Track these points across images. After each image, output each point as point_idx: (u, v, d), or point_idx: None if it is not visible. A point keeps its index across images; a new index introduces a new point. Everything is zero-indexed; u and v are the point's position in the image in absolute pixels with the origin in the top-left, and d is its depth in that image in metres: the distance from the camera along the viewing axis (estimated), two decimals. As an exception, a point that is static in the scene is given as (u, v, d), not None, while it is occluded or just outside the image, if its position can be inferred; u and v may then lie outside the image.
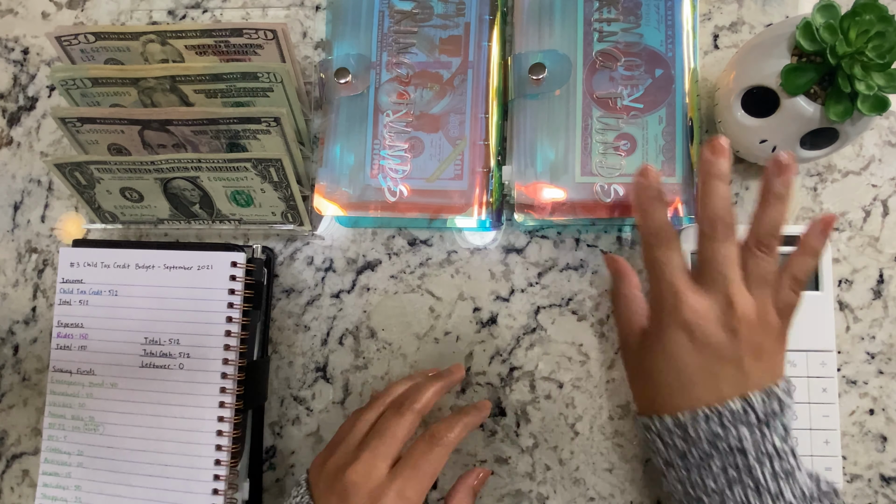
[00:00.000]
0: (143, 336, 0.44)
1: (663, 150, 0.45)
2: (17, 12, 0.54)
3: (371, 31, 0.47)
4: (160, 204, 0.47)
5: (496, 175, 0.46)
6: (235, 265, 0.44)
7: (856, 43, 0.36)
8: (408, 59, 0.47)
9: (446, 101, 0.46)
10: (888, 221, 0.47)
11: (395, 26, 0.47)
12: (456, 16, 0.47)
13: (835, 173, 0.47)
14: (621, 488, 0.45)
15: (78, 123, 0.45)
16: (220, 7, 0.52)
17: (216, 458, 0.43)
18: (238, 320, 0.44)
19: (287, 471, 0.48)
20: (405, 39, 0.47)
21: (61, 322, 0.46)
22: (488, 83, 0.46)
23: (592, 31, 0.46)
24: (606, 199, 0.44)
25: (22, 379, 0.51)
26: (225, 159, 0.43)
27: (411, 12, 0.47)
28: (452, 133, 0.46)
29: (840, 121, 0.37)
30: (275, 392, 0.49)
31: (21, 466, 0.50)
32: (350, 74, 0.46)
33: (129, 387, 0.44)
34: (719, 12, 0.49)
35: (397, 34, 0.47)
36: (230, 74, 0.44)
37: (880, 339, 0.46)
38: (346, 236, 0.49)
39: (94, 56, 0.46)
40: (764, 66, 0.39)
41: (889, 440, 0.45)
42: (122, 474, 0.44)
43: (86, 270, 0.46)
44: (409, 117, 0.46)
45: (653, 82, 0.45)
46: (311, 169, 0.50)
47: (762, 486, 0.31)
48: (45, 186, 0.52)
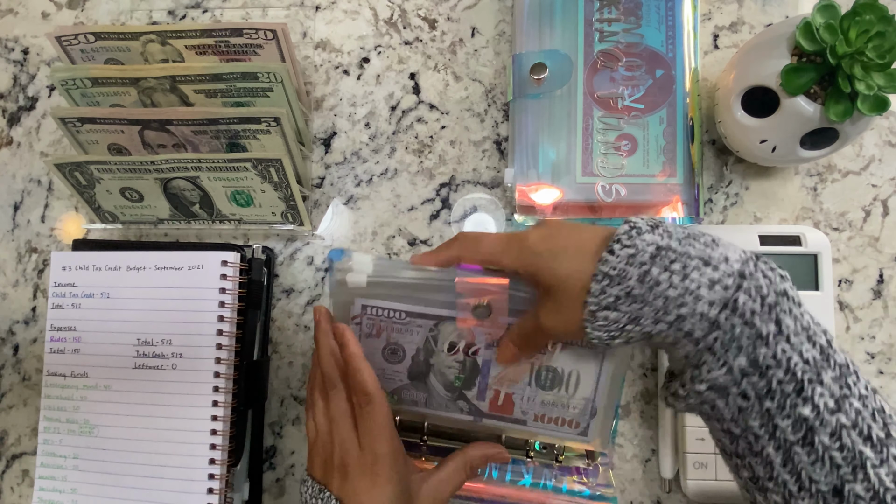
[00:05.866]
0: (135, 337, 0.44)
1: (664, 151, 0.45)
2: (17, 12, 0.54)
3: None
4: (160, 204, 0.47)
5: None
6: (226, 265, 0.44)
7: (856, 43, 0.36)
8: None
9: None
10: (888, 221, 0.47)
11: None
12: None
13: (835, 173, 0.47)
14: (621, 488, 0.45)
15: (78, 123, 0.45)
16: (220, 7, 0.52)
17: (211, 457, 0.43)
18: (231, 320, 0.44)
19: (287, 471, 0.48)
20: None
21: (54, 326, 0.46)
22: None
23: (593, 31, 0.46)
24: (608, 199, 0.44)
25: (22, 379, 0.51)
26: (225, 159, 0.43)
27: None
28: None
29: (840, 121, 0.37)
30: (275, 392, 0.49)
31: (21, 466, 0.50)
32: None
33: (122, 388, 0.44)
34: (719, 12, 0.49)
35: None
36: (230, 74, 0.43)
37: (880, 339, 0.46)
38: (346, 236, 0.49)
39: (94, 56, 0.46)
40: (764, 66, 0.39)
41: (889, 440, 0.45)
42: (117, 476, 0.44)
43: (78, 274, 0.46)
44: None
45: (653, 83, 0.45)
46: (311, 169, 0.50)
47: (705, 257, 0.30)
48: (45, 186, 0.52)
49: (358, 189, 0.49)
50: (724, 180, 0.48)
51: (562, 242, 0.33)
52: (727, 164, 0.48)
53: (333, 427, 0.39)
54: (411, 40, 0.50)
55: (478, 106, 0.49)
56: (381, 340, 0.41)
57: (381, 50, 0.50)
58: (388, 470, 0.36)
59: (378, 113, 0.50)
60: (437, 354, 0.41)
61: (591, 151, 0.45)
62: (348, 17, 0.51)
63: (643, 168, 0.45)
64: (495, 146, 0.49)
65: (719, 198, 0.47)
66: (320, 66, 0.51)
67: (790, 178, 0.47)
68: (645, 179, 0.45)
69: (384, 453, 0.37)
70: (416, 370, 0.42)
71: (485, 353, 0.41)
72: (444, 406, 0.41)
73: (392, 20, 0.51)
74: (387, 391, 0.41)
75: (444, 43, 0.50)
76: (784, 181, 0.47)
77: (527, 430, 0.42)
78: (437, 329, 0.41)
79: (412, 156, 0.49)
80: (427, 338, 0.41)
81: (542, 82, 0.45)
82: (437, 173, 0.49)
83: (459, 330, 0.40)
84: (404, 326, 0.41)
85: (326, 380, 0.39)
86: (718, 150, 0.48)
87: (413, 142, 0.49)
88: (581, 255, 0.32)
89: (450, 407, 0.41)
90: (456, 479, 0.40)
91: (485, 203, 0.49)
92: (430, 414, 0.42)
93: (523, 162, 0.45)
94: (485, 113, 0.49)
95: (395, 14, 0.51)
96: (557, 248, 0.33)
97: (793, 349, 0.29)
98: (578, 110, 0.45)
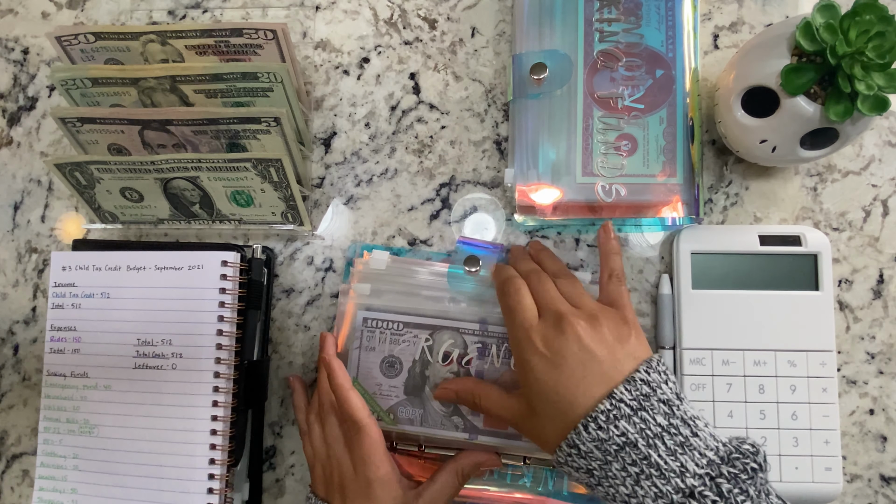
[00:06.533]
0: (135, 337, 0.44)
1: (664, 151, 0.45)
2: (17, 12, 0.54)
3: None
4: (160, 204, 0.47)
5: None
6: (226, 265, 0.44)
7: (856, 43, 0.36)
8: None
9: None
10: (888, 221, 0.47)
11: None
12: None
13: (835, 173, 0.47)
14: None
15: (78, 123, 0.45)
16: (220, 7, 0.52)
17: (211, 457, 0.43)
18: (231, 320, 0.44)
19: (287, 471, 0.48)
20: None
21: (54, 326, 0.46)
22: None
23: (593, 31, 0.46)
24: (608, 199, 0.44)
25: (22, 379, 0.51)
26: (225, 159, 0.43)
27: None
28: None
29: (840, 121, 0.37)
30: (275, 392, 0.49)
31: (21, 466, 0.50)
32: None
33: (122, 388, 0.44)
34: (719, 12, 0.49)
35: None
36: (230, 74, 0.43)
37: (880, 339, 0.46)
38: (346, 236, 0.49)
39: (94, 56, 0.46)
40: (764, 66, 0.39)
41: (889, 440, 0.45)
42: (117, 476, 0.44)
43: (78, 274, 0.46)
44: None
45: (654, 83, 0.45)
46: (311, 169, 0.50)
47: (663, 468, 0.31)
48: (45, 186, 0.52)
49: (358, 189, 0.49)
50: (724, 180, 0.48)
51: (552, 399, 0.35)
52: (727, 164, 0.48)
53: (329, 451, 0.41)
54: (411, 40, 0.50)
55: (478, 106, 0.49)
56: (379, 354, 0.43)
57: (381, 50, 0.50)
58: (381, 493, 0.39)
59: (378, 113, 0.50)
60: (432, 366, 0.42)
61: (591, 151, 0.45)
62: (348, 17, 0.51)
63: (643, 168, 0.45)
64: (495, 146, 0.49)
65: (719, 198, 0.47)
66: (320, 66, 0.51)
67: (790, 178, 0.47)
68: (645, 179, 0.45)
69: (375, 478, 0.39)
70: (413, 383, 0.43)
71: (478, 364, 0.42)
72: (439, 423, 0.42)
73: (392, 20, 0.51)
74: (383, 410, 0.42)
75: (444, 43, 0.50)
76: (784, 181, 0.47)
77: (521, 447, 0.42)
78: (433, 339, 0.42)
79: (412, 156, 0.49)
80: (423, 348, 0.42)
81: (542, 82, 0.45)
82: (437, 173, 0.49)
83: (454, 338, 0.42)
84: (401, 337, 0.42)
85: (320, 407, 0.43)
86: (718, 150, 0.48)
87: (413, 142, 0.49)
88: (562, 418, 0.34)
89: (445, 424, 0.42)
90: (450, 489, 0.41)
91: (485, 203, 0.49)
92: (425, 434, 0.42)
93: (523, 162, 0.45)
94: (485, 113, 0.49)
95: (395, 14, 0.51)
96: (543, 410, 0.36)
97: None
98: (578, 110, 0.45)
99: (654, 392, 0.33)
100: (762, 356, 0.44)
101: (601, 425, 0.32)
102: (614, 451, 0.32)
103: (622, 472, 0.32)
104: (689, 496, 0.30)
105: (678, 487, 0.30)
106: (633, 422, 0.32)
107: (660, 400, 0.33)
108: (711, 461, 0.31)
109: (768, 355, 0.44)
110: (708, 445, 0.32)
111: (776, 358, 0.44)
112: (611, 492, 0.32)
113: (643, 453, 0.31)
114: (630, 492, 0.31)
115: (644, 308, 0.47)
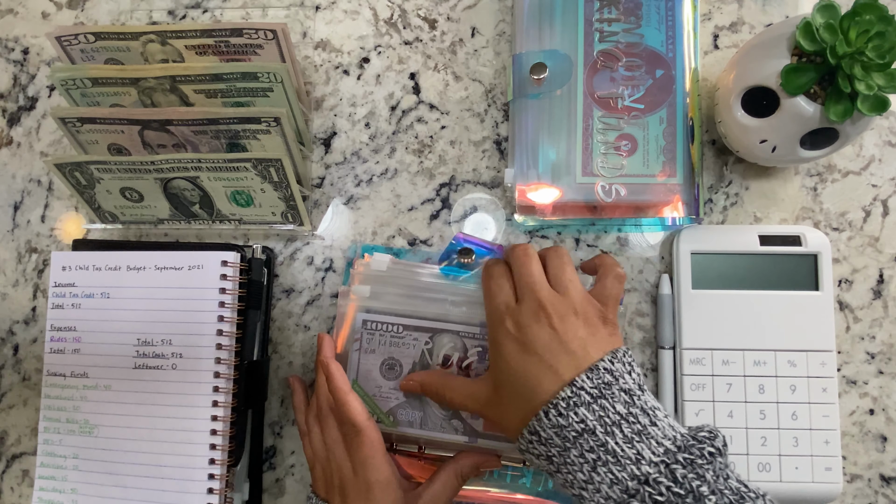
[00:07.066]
0: (135, 337, 0.44)
1: (664, 151, 0.45)
2: (17, 12, 0.54)
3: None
4: (160, 204, 0.47)
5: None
6: (226, 265, 0.44)
7: (856, 43, 0.36)
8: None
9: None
10: (888, 221, 0.47)
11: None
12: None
13: (835, 173, 0.47)
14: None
15: (78, 123, 0.45)
16: (220, 7, 0.52)
17: (211, 457, 0.43)
18: (231, 320, 0.44)
19: (287, 471, 0.48)
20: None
21: (54, 326, 0.46)
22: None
23: (593, 31, 0.46)
24: (608, 199, 0.44)
25: (22, 379, 0.51)
26: (225, 159, 0.43)
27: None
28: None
29: (840, 121, 0.37)
30: (275, 392, 0.49)
31: (21, 466, 0.50)
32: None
33: (122, 388, 0.44)
34: (719, 12, 0.49)
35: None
36: (230, 74, 0.43)
37: (880, 339, 0.46)
38: (347, 236, 0.49)
39: (94, 56, 0.46)
40: (764, 66, 0.39)
41: (889, 440, 0.45)
42: (117, 476, 0.44)
43: (78, 274, 0.46)
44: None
45: (653, 83, 0.45)
46: (311, 169, 0.50)
47: (620, 455, 0.31)
48: (45, 186, 0.52)
49: (358, 189, 0.49)
50: (724, 180, 0.48)
51: (518, 384, 0.35)
52: (727, 164, 0.48)
53: (329, 454, 0.41)
54: (411, 40, 0.50)
55: (478, 106, 0.49)
56: (379, 356, 0.42)
57: (381, 50, 0.50)
58: (381, 496, 0.39)
59: (378, 113, 0.50)
60: (432, 368, 0.42)
61: (591, 151, 0.45)
62: (348, 17, 0.51)
63: (643, 168, 0.45)
64: (495, 146, 0.49)
65: (719, 198, 0.47)
66: (320, 66, 0.51)
67: (790, 178, 0.47)
68: (645, 179, 0.45)
69: (375, 481, 0.39)
70: None
71: (478, 367, 0.42)
72: (439, 426, 0.42)
73: (392, 20, 0.51)
74: (383, 412, 0.42)
75: (444, 43, 0.50)
76: (784, 181, 0.47)
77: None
78: (433, 341, 0.42)
79: (412, 156, 0.49)
80: (423, 351, 0.42)
81: (542, 82, 0.45)
82: (437, 173, 0.49)
83: (454, 342, 0.42)
84: (401, 340, 0.42)
85: (319, 409, 0.42)
86: (718, 150, 0.48)
87: (413, 142, 0.49)
88: (525, 404, 0.35)
89: (445, 427, 0.42)
90: (449, 490, 0.41)
91: (485, 203, 0.49)
92: (424, 437, 0.42)
93: (523, 162, 0.45)
94: (485, 113, 0.49)
95: (395, 14, 0.51)
96: (508, 395, 0.36)
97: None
98: (578, 110, 0.45)
99: (616, 381, 0.33)
100: (762, 356, 0.44)
101: (561, 412, 0.33)
102: (573, 438, 0.32)
103: (580, 458, 0.32)
104: (643, 483, 0.30)
105: (633, 474, 0.31)
106: (593, 409, 0.32)
107: (621, 389, 0.33)
108: (668, 450, 0.31)
109: (768, 355, 0.44)
110: (666, 434, 0.32)
111: (776, 358, 0.44)
112: (569, 478, 0.33)
113: (601, 440, 0.32)
114: (587, 478, 0.32)
115: (644, 308, 0.47)
